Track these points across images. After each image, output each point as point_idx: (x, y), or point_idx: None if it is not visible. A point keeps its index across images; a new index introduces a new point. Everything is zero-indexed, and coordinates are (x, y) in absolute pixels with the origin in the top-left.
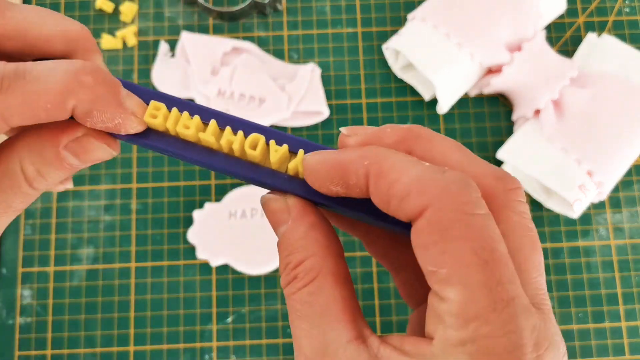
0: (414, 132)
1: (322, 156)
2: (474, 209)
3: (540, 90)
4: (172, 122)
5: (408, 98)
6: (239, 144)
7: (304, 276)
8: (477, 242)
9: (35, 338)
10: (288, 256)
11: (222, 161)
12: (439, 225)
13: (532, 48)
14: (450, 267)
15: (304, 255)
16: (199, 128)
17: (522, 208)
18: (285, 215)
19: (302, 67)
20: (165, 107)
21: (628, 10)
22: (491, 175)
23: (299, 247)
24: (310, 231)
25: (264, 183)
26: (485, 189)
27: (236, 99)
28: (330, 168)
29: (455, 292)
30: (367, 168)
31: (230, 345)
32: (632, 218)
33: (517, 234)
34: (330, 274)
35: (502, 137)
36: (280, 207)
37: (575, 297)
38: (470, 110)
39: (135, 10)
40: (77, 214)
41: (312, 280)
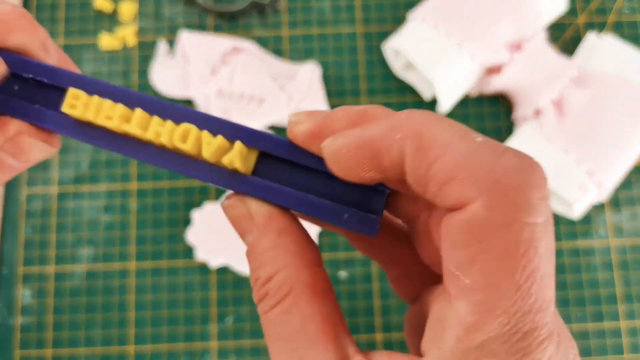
0: (369, 113)
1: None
2: (530, 216)
3: (540, 90)
4: (93, 112)
5: (408, 98)
6: (168, 136)
7: (276, 293)
8: (518, 263)
9: (35, 338)
10: (257, 270)
11: (155, 155)
12: (480, 227)
13: (532, 48)
14: (475, 281)
15: (274, 269)
16: (123, 118)
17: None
18: (249, 223)
19: (302, 67)
20: (85, 94)
21: (628, 11)
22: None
23: (267, 259)
24: (279, 239)
25: (204, 180)
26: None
27: (236, 98)
28: (357, 150)
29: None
30: (401, 142)
31: (230, 345)
32: (632, 218)
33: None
34: (305, 287)
35: (502, 137)
36: (241, 213)
37: (575, 297)
38: (470, 110)
39: (135, 10)
40: (77, 214)
41: (285, 297)
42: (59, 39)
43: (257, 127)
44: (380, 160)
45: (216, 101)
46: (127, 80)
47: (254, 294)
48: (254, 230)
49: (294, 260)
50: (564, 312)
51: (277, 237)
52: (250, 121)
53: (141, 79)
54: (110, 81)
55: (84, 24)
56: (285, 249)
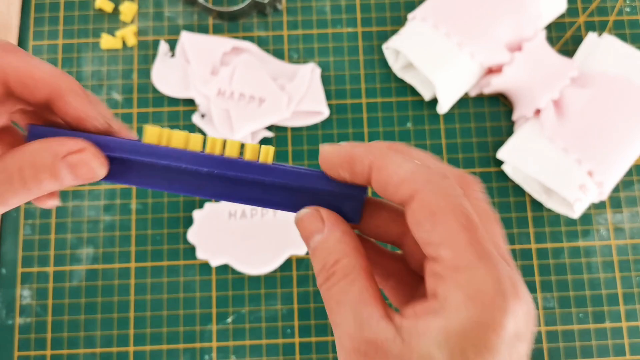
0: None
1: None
2: (452, 192)
3: (541, 90)
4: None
5: (408, 98)
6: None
7: (343, 271)
8: (458, 214)
9: (34, 338)
10: (326, 257)
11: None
12: (429, 205)
13: (532, 48)
14: (440, 234)
15: (340, 256)
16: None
17: (482, 197)
18: (320, 225)
19: (302, 67)
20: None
21: (628, 10)
22: (457, 175)
23: (336, 250)
24: (344, 236)
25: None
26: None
27: (236, 98)
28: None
29: (448, 251)
30: (371, 161)
31: (230, 345)
32: (632, 218)
33: (482, 213)
34: (362, 269)
35: (502, 137)
36: (316, 217)
37: (576, 298)
38: (470, 110)
39: (135, 10)
40: (77, 214)
41: (349, 274)
42: (59, 38)
43: (259, 127)
44: (354, 167)
45: (216, 101)
46: (127, 80)
47: (319, 278)
48: (324, 230)
49: (354, 251)
50: (565, 313)
51: (342, 235)
52: (250, 121)
53: (141, 78)
54: (110, 82)
55: (84, 24)
56: (348, 243)
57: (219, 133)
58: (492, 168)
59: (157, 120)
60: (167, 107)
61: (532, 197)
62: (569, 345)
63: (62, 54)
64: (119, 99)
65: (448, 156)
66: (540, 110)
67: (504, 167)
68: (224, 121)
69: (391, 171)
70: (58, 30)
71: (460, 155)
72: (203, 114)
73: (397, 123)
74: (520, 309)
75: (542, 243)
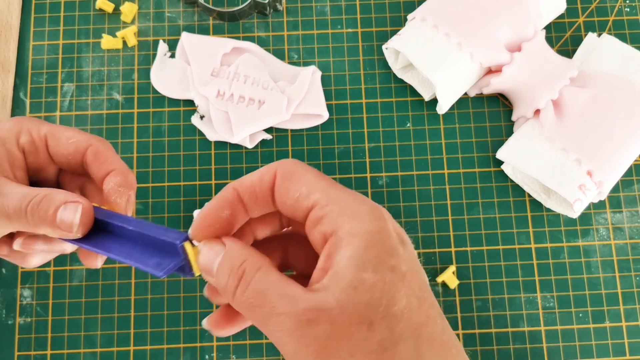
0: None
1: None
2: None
3: (540, 90)
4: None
5: (408, 98)
6: None
7: (253, 266)
8: (312, 171)
9: (35, 338)
10: (232, 262)
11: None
12: (287, 170)
13: (532, 48)
14: (307, 187)
15: (246, 257)
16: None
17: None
18: (220, 246)
19: (303, 70)
20: None
21: (628, 10)
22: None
23: (240, 255)
24: (244, 246)
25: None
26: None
27: (235, 100)
28: (229, 197)
29: (317, 194)
30: (273, 177)
31: (230, 345)
32: (632, 218)
33: None
34: (269, 264)
35: (502, 137)
36: (215, 242)
37: (576, 297)
38: (470, 110)
39: (136, 10)
40: None
41: (260, 267)
42: (59, 39)
43: (255, 130)
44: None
45: (215, 103)
46: (128, 80)
47: (229, 282)
48: (224, 247)
49: (256, 253)
50: (565, 313)
51: (242, 245)
52: (250, 124)
53: (141, 79)
54: (111, 83)
55: (84, 24)
56: (249, 249)
57: (218, 135)
58: (492, 168)
59: (157, 120)
60: (167, 108)
61: (532, 197)
62: (568, 345)
63: (63, 54)
64: (120, 99)
65: (448, 156)
66: (539, 110)
67: (504, 167)
68: (223, 123)
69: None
70: (58, 31)
71: (460, 155)
72: (202, 115)
73: (397, 123)
74: (387, 214)
75: (541, 243)
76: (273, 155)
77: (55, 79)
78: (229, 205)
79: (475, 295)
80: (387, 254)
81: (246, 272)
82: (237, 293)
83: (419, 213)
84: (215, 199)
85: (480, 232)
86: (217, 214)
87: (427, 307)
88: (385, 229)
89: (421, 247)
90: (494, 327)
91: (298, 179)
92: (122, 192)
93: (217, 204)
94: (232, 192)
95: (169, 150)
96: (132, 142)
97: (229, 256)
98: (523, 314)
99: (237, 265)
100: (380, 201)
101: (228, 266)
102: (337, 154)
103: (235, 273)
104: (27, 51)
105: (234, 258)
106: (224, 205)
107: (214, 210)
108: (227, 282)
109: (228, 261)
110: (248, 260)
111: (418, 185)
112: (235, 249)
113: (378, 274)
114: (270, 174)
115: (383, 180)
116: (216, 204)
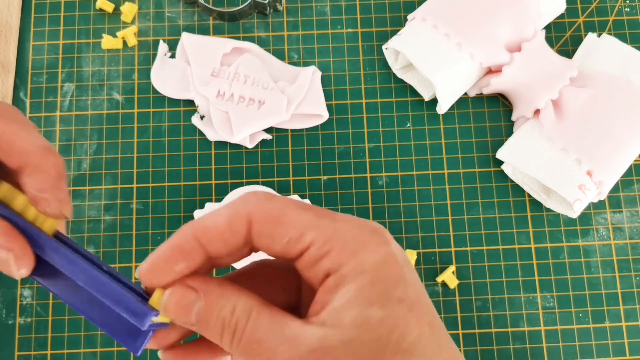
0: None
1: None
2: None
3: (540, 90)
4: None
5: (408, 98)
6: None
7: (243, 315)
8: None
9: (35, 338)
10: (219, 313)
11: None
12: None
13: (532, 48)
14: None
15: (232, 305)
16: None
17: None
18: (194, 294)
19: (303, 70)
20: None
21: (628, 10)
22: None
23: (224, 302)
24: (224, 288)
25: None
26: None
27: (235, 100)
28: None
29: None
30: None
31: None
32: (632, 218)
33: None
34: (259, 302)
35: (502, 137)
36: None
37: (576, 297)
38: (470, 110)
39: (136, 10)
40: (78, 213)
41: (250, 312)
42: (59, 39)
43: (250, 133)
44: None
45: (215, 103)
46: (128, 80)
47: (224, 338)
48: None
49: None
50: (564, 313)
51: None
52: (250, 124)
53: (142, 79)
54: (111, 83)
55: (84, 24)
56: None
57: (218, 135)
58: (492, 168)
59: (157, 120)
60: (167, 108)
61: (532, 197)
62: (568, 345)
63: (63, 54)
64: (120, 99)
65: (448, 156)
66: (539, 110)
67: (504, 167)
68: (223, 123)
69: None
70: (58, 31)
71: (460, 155)
72: (202, 115)
73: (397, 123)
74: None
75: (541, 243)
76: (273, 155)
77: (55, 79)
78: (185, 257)
79: (475, 295)
80: (394, 286)
81: (239, 323)
82: (233, 344)
83: (419, 213)
84: (169, 247)
85: (480, 232)
86: (170, 266)
87: (438, 334)
88: (390, 256)
89: (421, 247)
90: (494, 327)
91: (282, 221)
92: (48, 199)
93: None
94: (191, 242)
95: (169, 150)
96: (132, 142)
97: (212, 309)
98: (523, 314)
99: (227, 319)
100: (380, 201)
101: (217, 322)
102: (337, 154)
103: (229, 326)
104: (27, 51)
105: (220, 307)
106: (179, 257)
107: (165, 260)
108: (221, 336)
109: (213, 312)
110: (237, 309)
111: (418, 185)
112: (214, 297)
113: (386, 309)
114: (242, 220)
115: (383, 180)
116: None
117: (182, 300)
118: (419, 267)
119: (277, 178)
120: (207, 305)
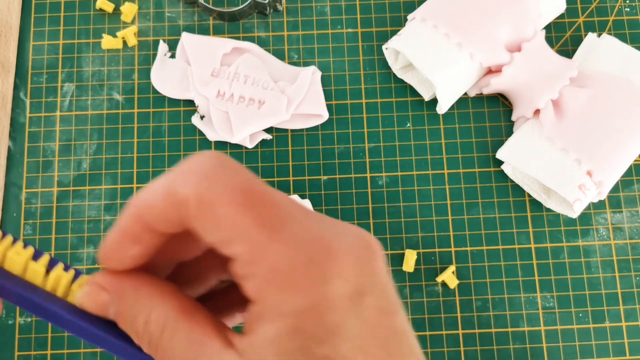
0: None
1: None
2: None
3: (540, 90)
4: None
5: (408, 98)
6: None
7: (157, 330)
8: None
9: (35, 338)
10: (132, 324)
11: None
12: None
13: (532, 48)
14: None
15: (146, 314)
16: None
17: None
18: (107, 297)
19: (303, 70)
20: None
21: (628, 10)
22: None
23: (137, 312)
24: (138, 290)
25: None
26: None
27: (235, 100)
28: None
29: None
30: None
31: None
32: (632, 218)
33: None
34: (177, 312)
35: (501, 137)
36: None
37: (576, 297)
38: (470, 110)
39: (136, 10)
40: (78, 214)
41: (165, 327)
42: (59, 39)
43: (252, 131)
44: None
45: (215, 103)
46: (128, 80)
47: (142, 346)
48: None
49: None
50: (564, 313)
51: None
52: (250, 124)
53: (142, 79)
54: (111, 83)
55: (84, 24)
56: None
57: (218, 135)
58: (492, 168)
59: (157, 121)
60: (167, 108)
61: (532, 197)
62: (568, 345)
63: (63, 54)
64: (120, 99)
65: (447, 156)
66: (539, 110)
67: (504, 167)
68: (223, 123)
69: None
70: (58, 31)
71: (460, 155)
72: (202, 115)
73: (397, 123)
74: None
75: (541, 243)
76: (273, 155)
77: (55, 79)
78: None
79: (475, 295)
80: (320, 341)
81: (152, 336)
82: (150, 352)
83: (419, 213)
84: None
85: (480, 232)
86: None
87: None
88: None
89: (421, 247)
90: (494, 327)
91: (214, 213)
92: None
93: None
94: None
95: (169, 150)
96: (132, 142)
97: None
98: (523, 314)
99: (140, 330)
100: (380, 201)
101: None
102: (337, 154)
103: (143, 338)
104: (27, 51)
105: (132, 316)
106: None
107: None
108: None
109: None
110: (151, 321)
111: (418, 185)
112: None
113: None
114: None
115: (383, 180)
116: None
117: (96, 301)
118: (418, 267)
119: (277, 178)
120: (121, 312)
